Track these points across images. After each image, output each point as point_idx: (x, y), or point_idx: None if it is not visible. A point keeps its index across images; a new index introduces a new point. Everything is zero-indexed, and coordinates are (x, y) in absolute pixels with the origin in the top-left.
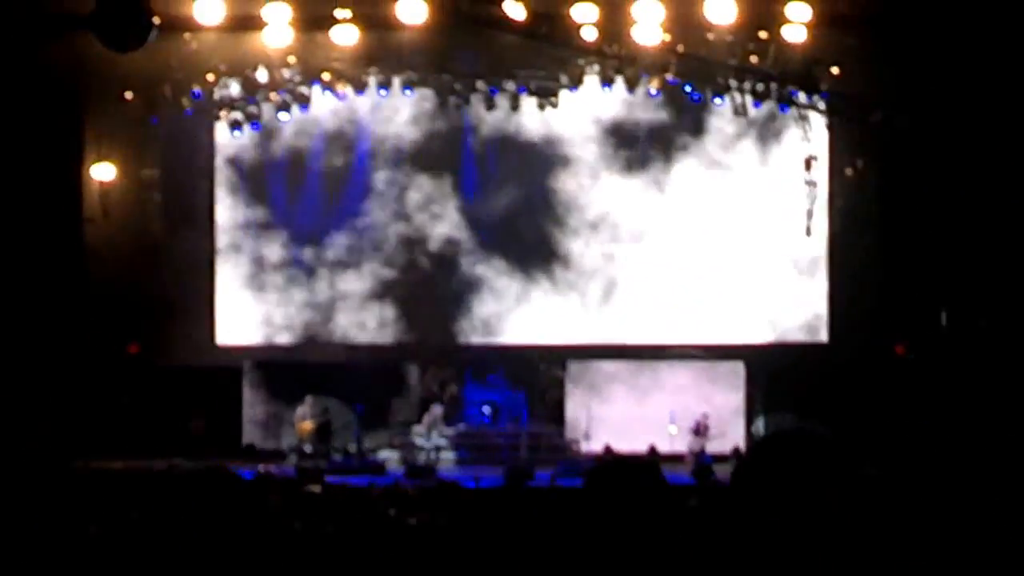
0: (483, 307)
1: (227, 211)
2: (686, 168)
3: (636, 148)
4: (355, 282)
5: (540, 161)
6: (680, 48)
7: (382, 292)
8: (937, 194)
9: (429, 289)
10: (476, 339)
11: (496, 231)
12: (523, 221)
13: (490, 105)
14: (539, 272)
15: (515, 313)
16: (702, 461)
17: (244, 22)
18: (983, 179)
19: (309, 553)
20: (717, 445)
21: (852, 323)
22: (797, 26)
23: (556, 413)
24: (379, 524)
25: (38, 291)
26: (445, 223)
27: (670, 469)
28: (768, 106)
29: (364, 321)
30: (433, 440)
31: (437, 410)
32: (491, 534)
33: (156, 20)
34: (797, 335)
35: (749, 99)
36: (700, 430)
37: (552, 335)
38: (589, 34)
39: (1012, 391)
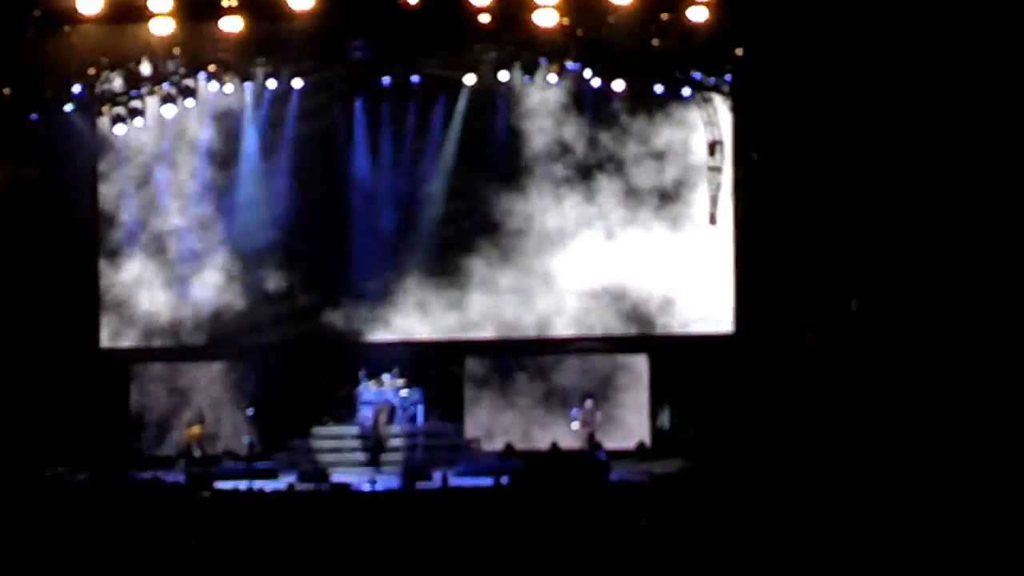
0: (377, 303)
1: (111, 209)
2: (588, 159)
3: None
4: (245, 279)
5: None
6: (580, 32)
7: (273, 289)
8: (844, 178)
9: (322, 285)
10: (370, 336)
11: (393, 222)
12: (422, 213)
13: (383, 94)
14: (436, 266)
15: (411, 308)
16: (597, 457)
17: (126, 13)
18: (892, 161)
19: (201, 559)
20: (623, 441)
21: (759, 313)
22: (699, 6)
23: (454, 411)
24: (272, 529)
25: None
26: (337, 214)
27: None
28: (671, 89)
29: (256, 319)
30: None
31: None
32: (388, 537)
33: (35, 13)
34: (702, 326)
35: (652, 82)
36: (588, 421)
37: (449, 330)
38: (485, 19)
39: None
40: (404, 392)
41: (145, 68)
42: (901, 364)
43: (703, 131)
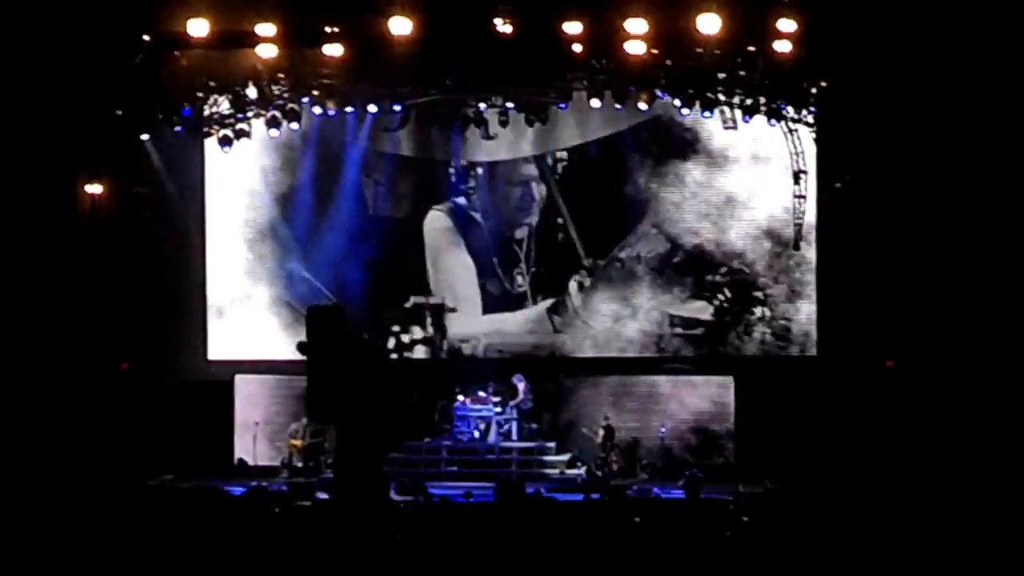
0: (469, 321)
1: (218, 227)
2: (677, 180)
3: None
4: (345, 298)
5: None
6: (668, 62)
7: (372, 307)
8: (925, 206)
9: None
10: (465, 352)
11: (486, 242)
12: (520, 233)
13: (479, 120)
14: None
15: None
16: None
17: (233, 38)
18: (973, 188)
19: (299, 567)
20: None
21: (842, 338)
22: (784, 40)
23: (550, 428)
24: (367, 539)
25: (31, 308)
26: (436, 233)
27: None
28: (757, 119)
29: (356, 335)
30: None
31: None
32: (482, 549)
33: (145, 37)
34: (788, 349)
35: (738, 113)
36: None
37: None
38: (578, 49)
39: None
40: (499, 408)
41: (251, 91)
42: (981, 393)
43: (788, 159)
